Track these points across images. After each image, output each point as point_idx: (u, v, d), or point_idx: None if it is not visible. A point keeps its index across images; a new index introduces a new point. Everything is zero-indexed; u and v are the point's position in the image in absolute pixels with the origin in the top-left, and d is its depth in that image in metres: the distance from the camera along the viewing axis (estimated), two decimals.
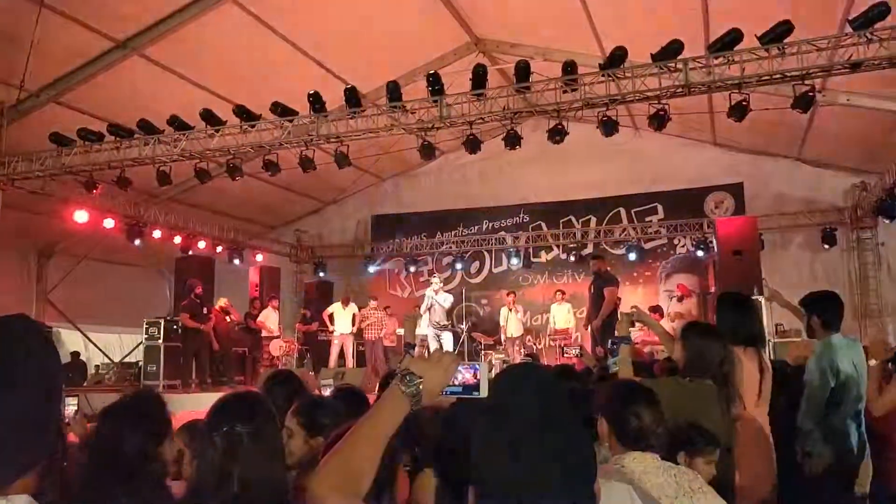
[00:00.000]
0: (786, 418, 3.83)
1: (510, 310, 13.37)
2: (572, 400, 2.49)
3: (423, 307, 12.62)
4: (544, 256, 15.60)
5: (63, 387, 1.20)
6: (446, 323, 12.38)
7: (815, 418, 3.88)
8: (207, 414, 1.90)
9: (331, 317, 13.22)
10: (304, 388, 3.29)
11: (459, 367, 1.47)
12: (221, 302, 12.82)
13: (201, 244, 14.16)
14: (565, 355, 11.05)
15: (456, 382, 1.45)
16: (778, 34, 7.26)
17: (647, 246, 14.69)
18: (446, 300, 12.46)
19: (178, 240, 13.59)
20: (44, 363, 1.12)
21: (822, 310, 4.16)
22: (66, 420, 5.19)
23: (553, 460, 1.08)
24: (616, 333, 4.24)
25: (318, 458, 1.52)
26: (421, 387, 1.38)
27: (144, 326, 11.68)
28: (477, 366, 1.49)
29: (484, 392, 1.44)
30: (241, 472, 1.75)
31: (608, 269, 10.81)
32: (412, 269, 16.06)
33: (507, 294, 13.79)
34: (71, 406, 5.73)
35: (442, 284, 12.78)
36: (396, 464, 1.94)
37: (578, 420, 1.23)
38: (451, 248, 15.90)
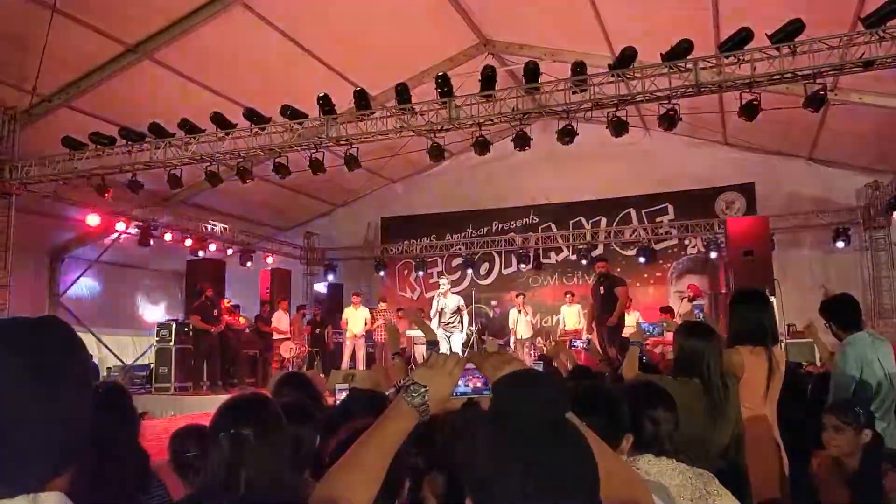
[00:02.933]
0: (795, 418, 3.81)
1: (520, 311, 13.35)
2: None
3: (433, 311, 12.61)
4: (554, 258, 15.57)
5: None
6: (456, 324, 12.36)
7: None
8: (214, 415, 1.90)
9: (346, 322, 13.29)
10: (316, 391, 3.28)
11: (466, 372, 1.45)
12: (225, 302, 12.89)
13: (212, 247, 14.22)
14: (572, 347, 11.08)
15: (467, 386, 1.45)
16: (789, 33, 7.20)
17: (658, 246, 14.62)
18: (456, 302, 12.44)
19: (188, 242, 13.64)
20: (80, 363, 1.14)
21: (838, 314, 4.22)
22: None
23: (557, 469, 1.06)
24: (629, 337, 4.25)
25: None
26: (427, 396, 1.36)
27: (156, 329, 11.75)
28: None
29: None
30: (248, 475, 1.74)
31: (611, 271, 10.96)
32: (421, 271, 16.06)
33: (517, 296, 13.76)
34: None
35: (449, 286, 12.77)
36: (404, 472, 1.93)
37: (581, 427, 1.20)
38: (460, 249, 15.89)
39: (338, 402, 4.73)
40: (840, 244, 12.95)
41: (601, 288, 10.33)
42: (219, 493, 1.74)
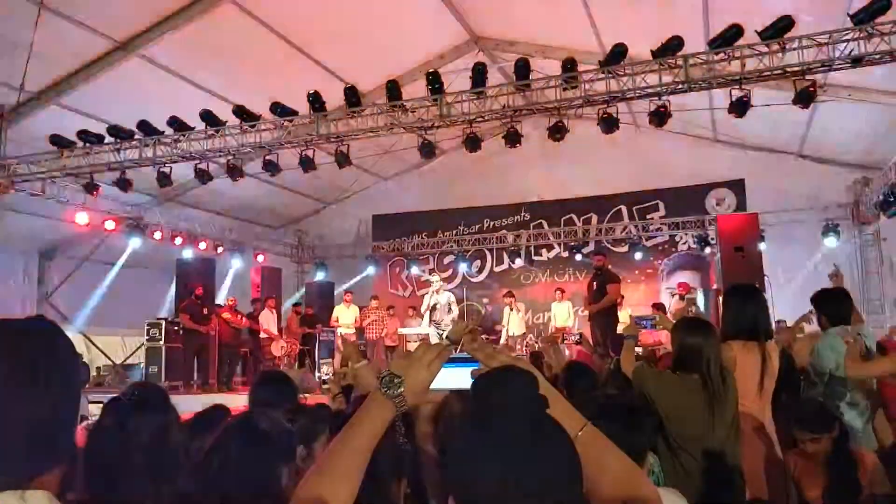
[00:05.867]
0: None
1: (511, 309, 13.36)
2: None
3: (424, 307, 12.63)
4: (546, 255, 15.58)
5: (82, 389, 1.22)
6: (449, 322, 12.36)
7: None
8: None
9: (336, 320, 13.35)
10: (295, 388, 3.27)
11: (459, 365, 1.42)
12: (230, 301, 12.82)
13: (202, 245, 14.15)
14: (564, 342, 11.12)
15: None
16: (778, 29, 7.23)
17: (649, 243, 14.66)
18: (447, 298, 12.45)
19: (178, 241, 13.57)
20: (67, 364, 1.15)
21: (827, 307, 4.28)
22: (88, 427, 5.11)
23: (537, 467, 1.05)
24: (623, 332, 4.28)
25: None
26: (403, 387, 1.32)
27: (146, 328, 11.68)
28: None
29: None
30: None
31: (610, 266, 10.93)
32: (413, 268, 16.05)
33: (505, 296, 13.77)
34: (95, 416, 5.54)
35: (442, 283, 12.78)
36: (392, 469, 1.91)
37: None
38: (452, 247, 15.89)
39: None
40: (830, 240, 13.01)
41: (594, 284, 10.35)
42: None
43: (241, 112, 9.54)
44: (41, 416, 1.07)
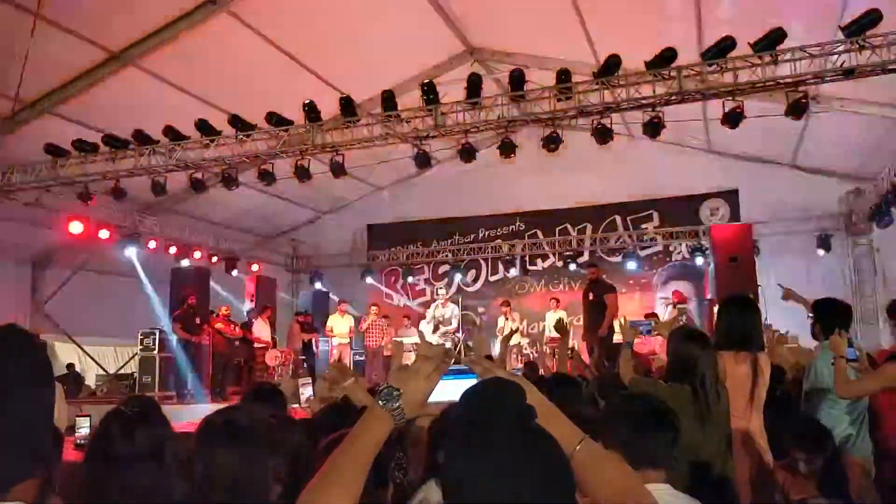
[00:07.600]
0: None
1: (507, 318, 13.38)
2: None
3: (428, 318, 12.66)
4: (540, 264, 15.60)
5: (55, 395, 1.20)
6: (447, 330, 12.44)
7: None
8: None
9: (331, 330, 13.33)
10: (285, 401, 3.26)
11: (457, 376, 1.43)
12: (223, 310, 12.79)
13: (197, 255, 14.12)
14: (556, 356, 11.09)
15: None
16: (771, 41, 7.29)
17: (643, 253, 14.70)
18: (452, 310, 12.53)
19: (173, 250, 13.55)
20: (39, 371, 1.13)
21: (823, 316, 4.29)
22: (83, 441, 5.06)
23: (528, 477, 1.06)
24: (621, 339, 4.29)
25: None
26: (401, 400, 1.33)
27: (139, 338, 11.63)
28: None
29: None
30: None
31: (604, 275, 10.94)
32: (409, 278, 16.06)
33: (501, 304, 13.79)
34: (84, 428, 5.54)
35: (447, 294, 12.86)
36: (381, 482, 1.91)
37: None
38: (447, 256, 15.91)
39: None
40: (823, 251, 13.05)
41: (590, 294, 10.31)
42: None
43: (236, 122, 9.55)
44: (15, 425, 1.06)
